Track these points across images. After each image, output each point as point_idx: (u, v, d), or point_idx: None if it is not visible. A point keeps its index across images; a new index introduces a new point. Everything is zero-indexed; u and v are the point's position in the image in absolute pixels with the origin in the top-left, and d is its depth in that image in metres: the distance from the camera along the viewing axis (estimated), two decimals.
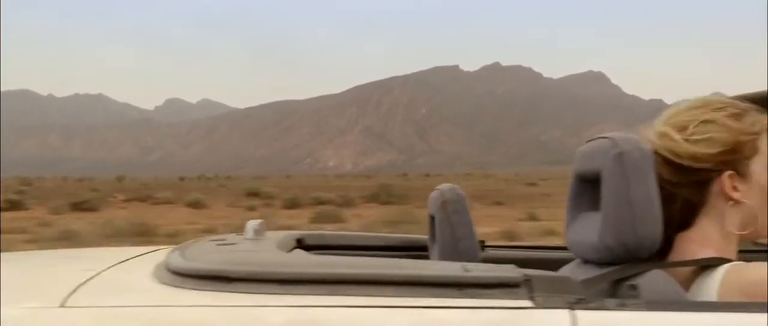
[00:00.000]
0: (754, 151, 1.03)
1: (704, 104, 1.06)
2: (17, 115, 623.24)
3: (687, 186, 1.03)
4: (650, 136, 1.07)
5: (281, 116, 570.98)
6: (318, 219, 14.11)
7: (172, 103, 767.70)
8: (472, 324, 0.80)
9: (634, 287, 0.91)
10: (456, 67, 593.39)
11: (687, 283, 0.99)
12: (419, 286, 0.84)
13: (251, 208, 18.80)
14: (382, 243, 1.76)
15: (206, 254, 1.02)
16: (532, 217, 14.69)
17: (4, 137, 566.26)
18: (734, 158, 1.02)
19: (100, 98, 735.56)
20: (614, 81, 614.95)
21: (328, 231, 1.78)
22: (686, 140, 1.02)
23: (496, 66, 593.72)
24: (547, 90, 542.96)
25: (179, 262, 0.95)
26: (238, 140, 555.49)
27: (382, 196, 21.89)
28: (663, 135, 1.06)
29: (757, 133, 1.04)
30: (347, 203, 19.76)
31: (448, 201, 1.49)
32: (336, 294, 0.84)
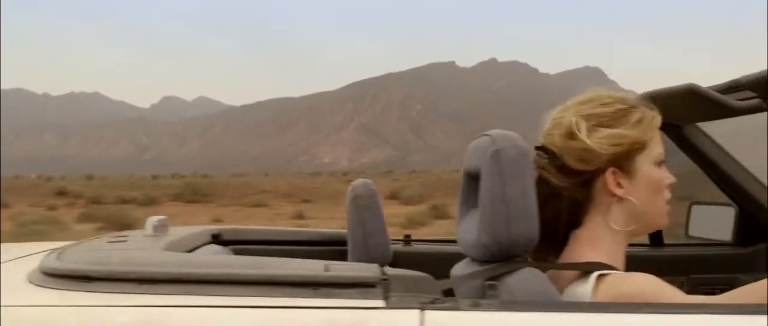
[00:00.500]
0: (641, 147, 1.01)
1: (593, 99, 1.04)
2: (13, 114, 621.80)
3: (572, 184, 1.01)
4: (542, 132, 1.06)
5: (277, 114, 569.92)
6: (83, 218, 14.45)
7: (168, 101, 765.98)
8: (322, 324, 0.80)
9: (493, 286, 0.89)
10: (452, 63, 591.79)
11: (568, 284, 0.98)
12: (275, 286, 0.84)
13: (52, 207, 18.66)
14: (301, 237, 1.74)
15: (81, 254, 1.02)
16: (300, 216, 15.26)
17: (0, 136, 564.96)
18: (620, 155, 1.00)
19: (95, 96, 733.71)
20: (611, 77, 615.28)
21: (248, 227, 1.74)
22: (574, 139, 1.00)
23: (492, 62, 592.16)
24: (544, 86, 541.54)
25: (49, 262, 0.95)
26: (234, 138, 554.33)
27: (186, 195, 22.70)
28: (549, 134, 1.04)
29: (644, 130, 1.01)
30: (151, 201, 19.85)
31: (360, 196, 1.46)
32: (189, 294, 0.84)
